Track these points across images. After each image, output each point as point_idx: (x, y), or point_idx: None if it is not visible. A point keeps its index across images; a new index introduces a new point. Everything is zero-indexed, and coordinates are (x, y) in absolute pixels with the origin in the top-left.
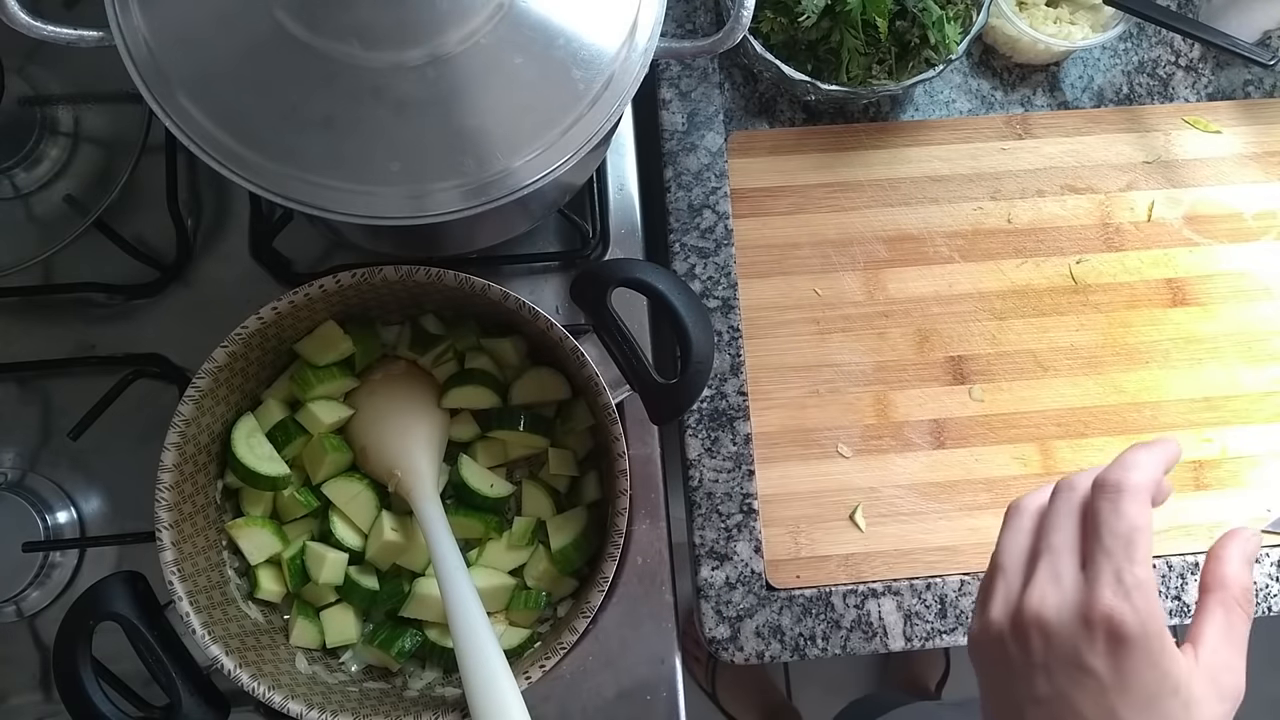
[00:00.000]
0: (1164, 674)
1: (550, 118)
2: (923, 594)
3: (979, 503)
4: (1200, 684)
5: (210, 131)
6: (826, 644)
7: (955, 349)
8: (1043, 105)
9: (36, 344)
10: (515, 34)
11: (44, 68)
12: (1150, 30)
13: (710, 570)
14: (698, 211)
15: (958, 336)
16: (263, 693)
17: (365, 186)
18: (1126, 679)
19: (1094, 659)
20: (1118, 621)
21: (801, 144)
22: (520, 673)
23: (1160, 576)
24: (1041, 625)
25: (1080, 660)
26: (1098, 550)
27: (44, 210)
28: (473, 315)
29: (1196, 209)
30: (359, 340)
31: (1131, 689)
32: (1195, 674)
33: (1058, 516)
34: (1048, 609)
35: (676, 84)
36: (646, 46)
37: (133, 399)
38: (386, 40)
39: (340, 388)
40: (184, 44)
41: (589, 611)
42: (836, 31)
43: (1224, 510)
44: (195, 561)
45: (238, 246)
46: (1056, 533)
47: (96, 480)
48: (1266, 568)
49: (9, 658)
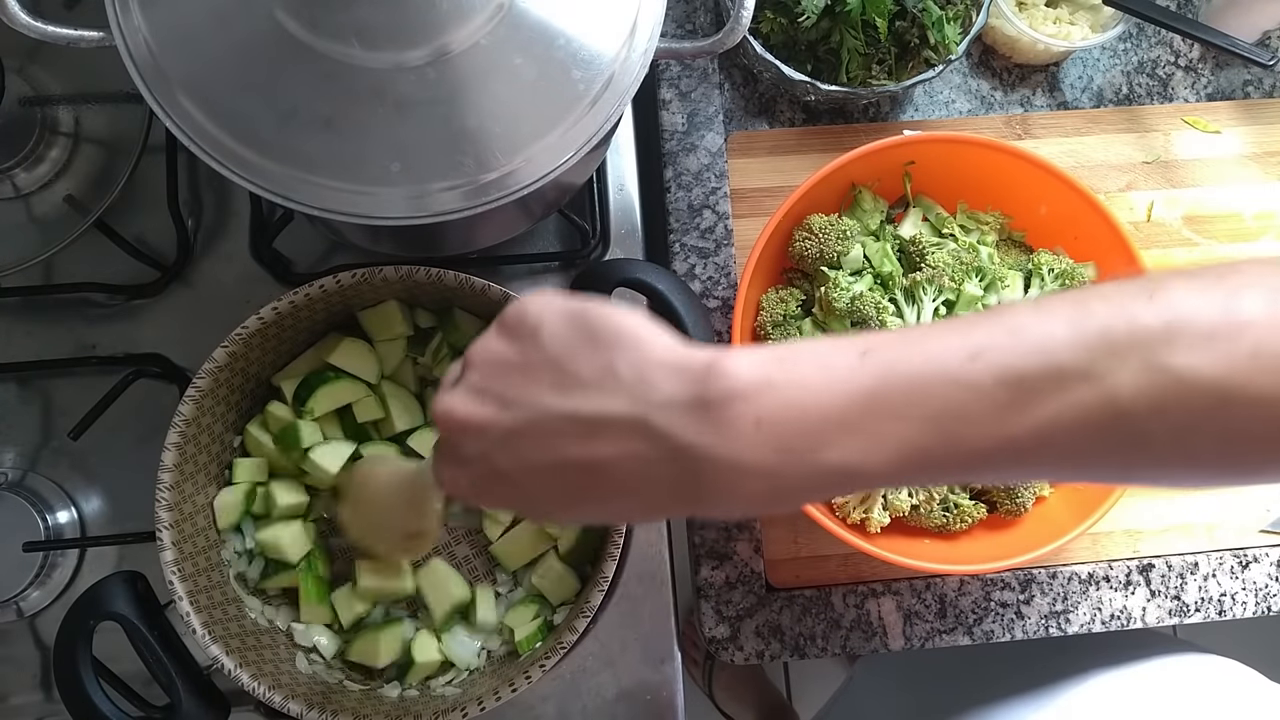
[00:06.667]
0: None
1: (550, 118)
2: (922, 594)
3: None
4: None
5: (210, 131)
6: (826, 643)
7: None
8: (1042, 105)
9: (37, 344)
10: (515, 34)
11: (44, 68)
12: (1150, 30)
13: (710, 570)
14: (698, 211)
15: None
16: (263, 693)
17: (365, 186)
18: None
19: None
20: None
21: (801, 144)
22: (520, 673)
23: (1160, 576)
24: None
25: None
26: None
27: (44, 210)
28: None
29: (1196, 209)
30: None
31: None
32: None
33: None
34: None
35: (676, 84)
36: (646, 47)
37: (133, 399)
38: (387, 40)
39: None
40: (184, 44)
41: (589, 611)
42: (836, 32)
43: (1223, 510)
44: (195, 561)
45: (238, 246)
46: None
47: (97, 480)
48: (1266, 567)
49: (9, 658)
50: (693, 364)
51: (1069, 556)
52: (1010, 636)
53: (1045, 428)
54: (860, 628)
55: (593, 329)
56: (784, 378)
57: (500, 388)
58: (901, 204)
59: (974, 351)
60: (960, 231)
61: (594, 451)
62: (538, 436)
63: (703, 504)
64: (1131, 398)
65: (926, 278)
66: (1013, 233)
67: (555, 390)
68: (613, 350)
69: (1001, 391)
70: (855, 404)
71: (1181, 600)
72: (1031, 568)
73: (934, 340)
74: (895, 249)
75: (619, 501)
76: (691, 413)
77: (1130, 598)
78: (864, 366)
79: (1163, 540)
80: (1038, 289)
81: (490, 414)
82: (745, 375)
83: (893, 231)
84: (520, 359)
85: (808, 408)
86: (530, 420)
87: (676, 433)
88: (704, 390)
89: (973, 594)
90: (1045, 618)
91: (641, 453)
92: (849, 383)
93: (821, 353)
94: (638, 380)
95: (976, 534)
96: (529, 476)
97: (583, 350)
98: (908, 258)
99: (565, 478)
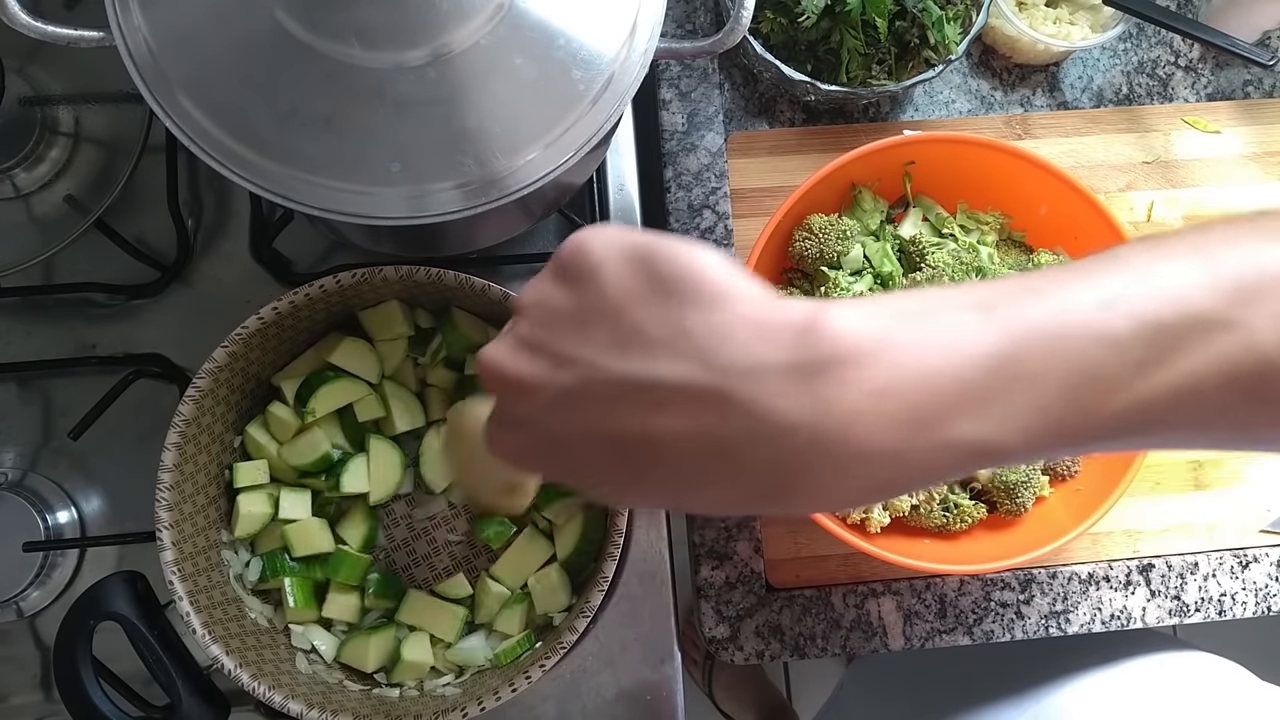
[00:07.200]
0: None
1: (550, 118)
2: (922, 594)
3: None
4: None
5: (210, 131)
6: (826, 643)
7: None
8: (1042, 105)
9: (37, 344)
10: (515, 34)
11: (44, 68)
12: (1150, 30)
13: (710, 570)
14: (698, 211)
15: None
16: (263, 693)
17: (365, 186)
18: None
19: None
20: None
21: (801, 144)
22: (520, 673)
23: (1160, 576)
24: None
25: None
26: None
27: (44, 210)
28: (458, 307)
29: (1196, 209)
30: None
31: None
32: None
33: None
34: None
35: (676, 84)
36: (646, 47)
37: (133, 399)
38: (386, 40)
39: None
40: (184, 44)
41: (589, 611)
42: (836, 32)
43: (1223, 510)
44: (195, 561)
45: (238, 246)
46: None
47: (97, 480)
48: (1266, 567)
49: (9, 658)
50: (788, 319)
51: (1069, 556)
52: (1010, 636)
53: (1185, 384)
54: (860, 628)
55: (662, 274)
56: (905, 337)
57: (553, 341)
58: (901, 204)
59: (1106, 299)
60: (960, 231)
61: (659, 426)
62: (594, 402)
63: (797, 497)
64: (1276, 347)
65: (926, 278)
66: (1013, 233)
67: (615, 349)
68: (685, 302)
69: (1139, 345)
70: (987, 368)
71: (1181, 600)
72: (1031, 568)
73: (1058, 288)
74: (895, 249)
75: (686, 489)
76: (788, 381)
77: (1130, 598)
78: (991, 323)
79: (1163, 540)
80: None
81: (541, 372)
82: (858, 333)
83: (893, 231)
84: (576, 307)
85: (937, 374)
86: (586, 382)
87: (768, 407)
88: (805, 353)
89: (973, 594)
90: (1045, 618)
91: (719, 431)
92: (977, 342)
93: (937, 307)
94: (717, 340)
95: (976, 534)
96: (584, 448)
97: (649, 300)
98: (908, 258)
99: (625, 453)
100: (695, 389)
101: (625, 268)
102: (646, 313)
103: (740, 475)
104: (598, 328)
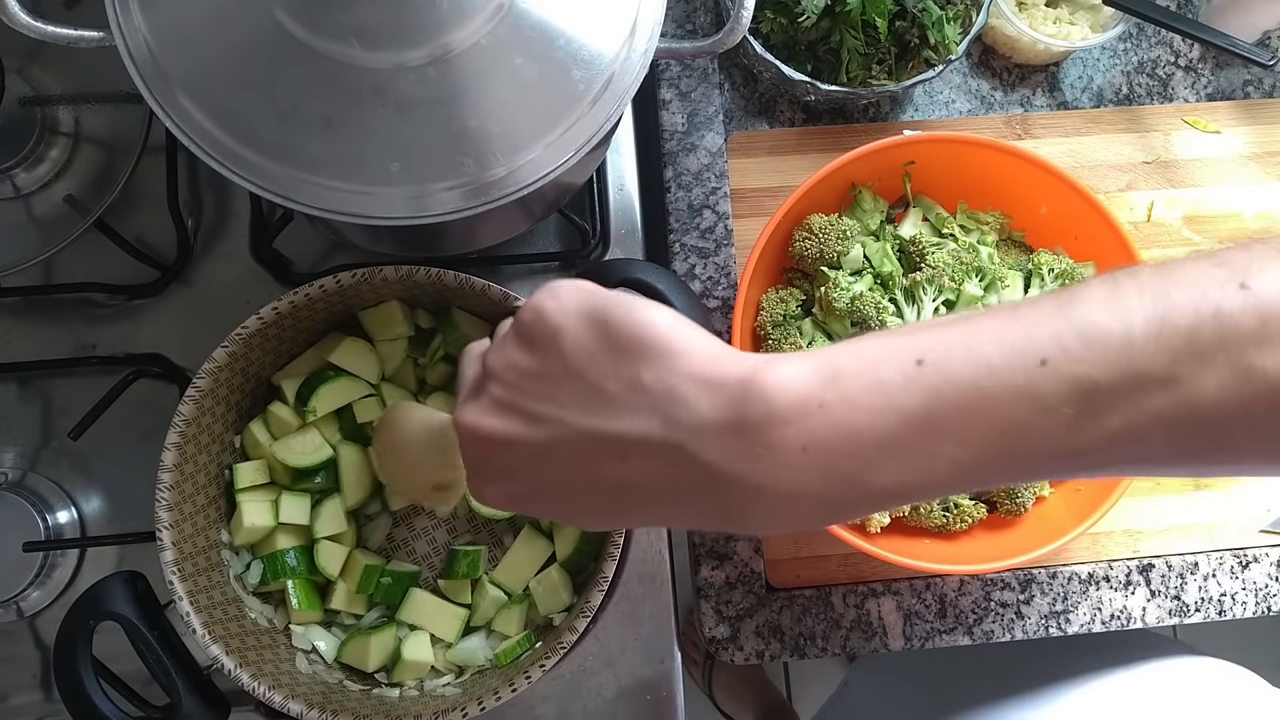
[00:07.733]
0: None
1: (550, 118)
2: (922, 594)
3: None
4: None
5: (210, 131)
6: (826, 643)
7: None
8: (1042, 105)
9: (37, 344)
10: (515, 34)
11: (44, 68)
12: (1150, 30)
13: (710, 570)
14: (698, 211)
15: None
16: (263, 693)
17: (365, 186)
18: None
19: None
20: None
21: (801, 144)
22: (520, 673)
23: (1160, 576)
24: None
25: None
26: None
27: (44, 210)
28: (458, 307)
29: (1196, 209)
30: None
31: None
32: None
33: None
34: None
35: (676, 84)
36: (646, 47)
37: (133, 399)
38: (387, 40)
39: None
40: (184, 44)
41: (589, 611)
42: (836, 31)
43: (1223, 510)
44: (195, 561)
45: (238, 246)
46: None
47: (96, 480)
48: (1266, 567)
49: (9, 658)
50: (728, 380)
51: (1069, 556)
52: (1010, 636)
53: (1115, 435)
54: (860, 628)
55: (616, 335)
56: (834, 396)
57: (524, 402)
58: (901, 204)
59: (1041, 356)
60: (960, 231)
61: (627, 474)
62: (567, 455)
63: (747, 526)
64: (1215, 402)
65: (926, 278)
66: (1013, 233)
67: (580, 407)
68: (639, 360)
69: (1070, 405)
70: (911, 425)
71: (1181, 600)
72: (1031, 568)
73: (994, 343)
74: (895, 249)
75: (659, 518)
76: (728, 438)
77: (1130, 598)
78: (920, 378)
79: (1163, 540)
80: (1038, 289)
81: (517, 430)
82: (789, 394)
83: (893, 231)
84: (540, 370)
85: (860, 431)
86: (558, 438)
87: (712, 460)
88: (742, 412)
89: (973, 594)
90: (1045, 618)
91: (676, 477)
92: (904, 400)
93: (872, 362)
94: (667, 397)
95: (976, 534)
96: (562, 493)
97: (606, 360)
98: (908, 258)
99: (599, 496)
100: (654, 443)
101: (583, 331)
102: (604, 372)
103: (699, 512)
104: (562, 388)
